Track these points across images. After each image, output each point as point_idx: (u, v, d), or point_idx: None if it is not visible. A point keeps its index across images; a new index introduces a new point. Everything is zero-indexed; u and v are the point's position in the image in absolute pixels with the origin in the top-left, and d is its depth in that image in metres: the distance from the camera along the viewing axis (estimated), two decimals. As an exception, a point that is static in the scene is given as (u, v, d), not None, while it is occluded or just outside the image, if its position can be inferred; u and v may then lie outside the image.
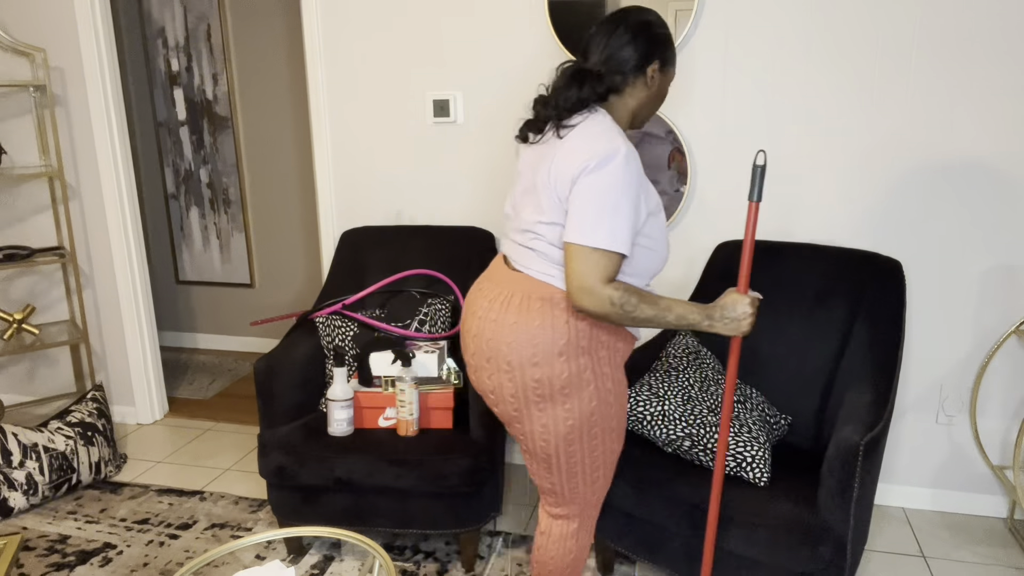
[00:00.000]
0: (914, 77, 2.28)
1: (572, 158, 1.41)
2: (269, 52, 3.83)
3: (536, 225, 1.49)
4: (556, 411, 1.51)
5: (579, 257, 1.39)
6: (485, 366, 1.54)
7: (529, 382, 1.49)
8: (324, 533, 1.52)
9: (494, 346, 1.51)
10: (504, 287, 1.54)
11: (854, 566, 1.79)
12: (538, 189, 1.48)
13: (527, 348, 1.48)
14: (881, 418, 1.78)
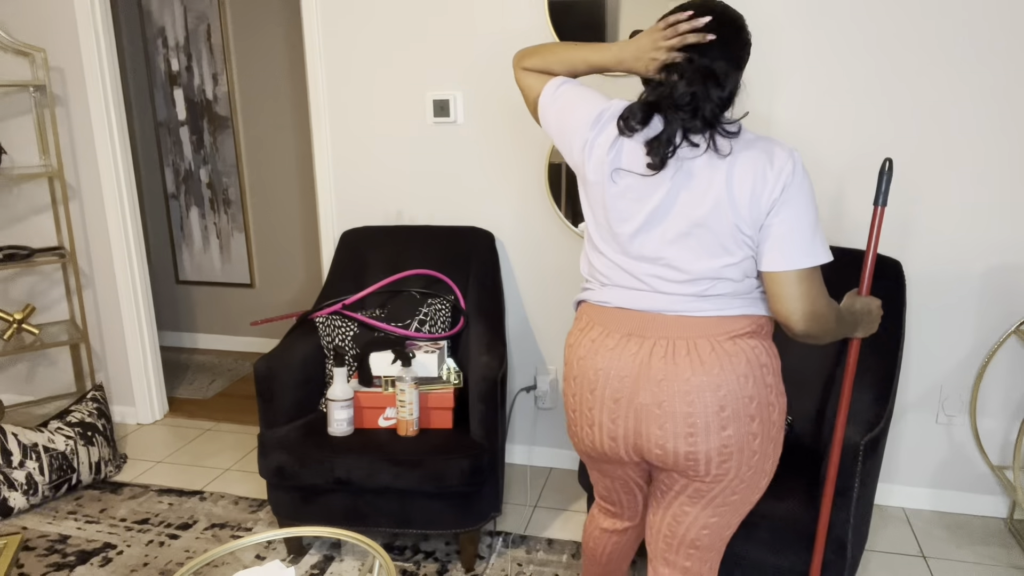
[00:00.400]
0: (915, 75, 2.28)
1: (763, 174, 1.22)
2: (269, 52, 3.83)
3: (722, 270, 1.28)
4: (774, 445, 1.36)
5: (811, 280, 1.24)
6: (696, 432, 1.31)
7: (754, 430, 1.33)
8: (324, 533, 1.52)
9: (692, 414, 1.30)
10: (686, 339, 1.31)
11: (854, 566, 1.79)
12: (711, 227, 1.25)
13: (745, 401, 1.31)
14: (881, 418, 1.78)
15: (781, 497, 1.82)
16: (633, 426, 1.34)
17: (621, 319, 1.35)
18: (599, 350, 1.35)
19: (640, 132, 1.29)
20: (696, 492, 1.38)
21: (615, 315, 1.36)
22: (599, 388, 1.35)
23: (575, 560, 2.29)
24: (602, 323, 1.37)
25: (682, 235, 1.28)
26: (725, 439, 1.30)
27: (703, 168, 1.25)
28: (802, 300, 1.24)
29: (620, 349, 1.33)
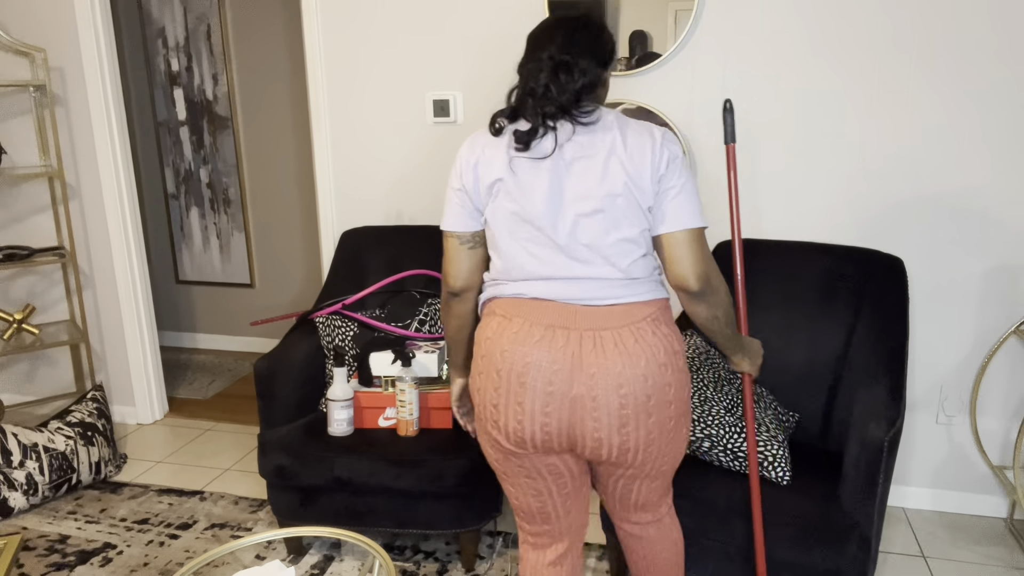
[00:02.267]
0: (915, 75, 2.28)
1: (652, 149, 1.34)
2: (269, 52, 3.83)
3: (630, 246, 1.38)
4: (686, 421, 1.47)
5: (701, 241, 1.37)
6: (628, 422, 1.37)
7: (668, 425, 1.42)
8: (324, 533, 1.52)
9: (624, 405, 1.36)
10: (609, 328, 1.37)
11: (875, 564, 1.80)
12: (615, 202, 1.35)
13: (665, 387, 1.39)
14: (900, 413, 1.79)
15: (802, 498, 1.83)
16: (568, 417, 1.37)
17: (541, 310, 1.37)
18: (525, 341, 1.36)
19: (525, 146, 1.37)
20: (630, 476, 1.49)
21: (534, 306, 1.38)
22: (530, 379, 1.35)
23: (575, 560, 2.29)
24: (522, 315, 1.38)
25: (590, 213, 1.35)
26: (651, 426, 1.38)
27: (590, 149, 1.35)
28: (695, 260, 1.36)
29: (548, 341, 1.35)
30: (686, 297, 1.39)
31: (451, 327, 1.56)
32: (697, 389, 2.06)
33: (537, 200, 1.36)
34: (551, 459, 1.46)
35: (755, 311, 2.30)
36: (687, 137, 2.49)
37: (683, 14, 2.39)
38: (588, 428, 1.37)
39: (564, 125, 1.36)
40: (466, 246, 1.46)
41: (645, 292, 1.40)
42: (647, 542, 1.65)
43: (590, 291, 1.37)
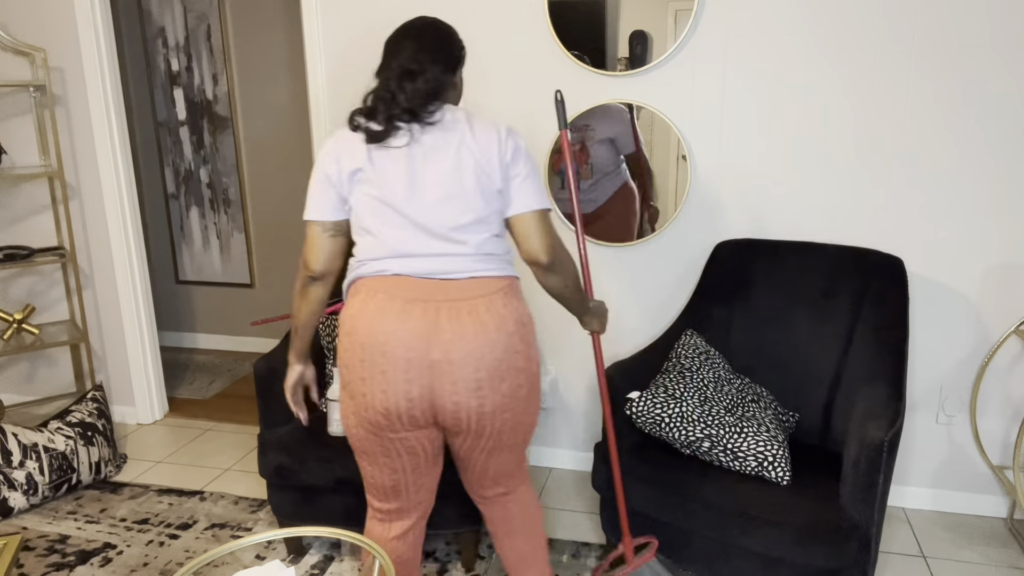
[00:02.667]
0: (915, 76, 2.28)
1: (497, 140, 1.52)
2: (269, 52, 3.83)
3: (481, 225, 1.53)
4: (535, 392, 1.60)
5: (547, 221, 1.56)
6: (483, 385, 1.49)
7: (520, 393, 1.55)
8: (324, 533, 1.52)
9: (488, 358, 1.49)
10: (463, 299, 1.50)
11: (875, 563, 1.80)
12: (467, 186, 1.51)
13: (514, 354, 1.52)
14: (900, 413, 1.79)
15: (802, 498, 1.83)
16: (428, 383, 1.47)
17: (402, 285, 1.49)
18: (387, 313, 1.46)
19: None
20: (489, 450, 1.59)
21: (395, 281, 1.50)
22: (391, 348, 1.45)
23: (575, 560, 2.29)
24: (384, 290, 1.49)
25: (444, 198, 1.50)
26: (504, 391, 1.51)
27: (443, 142, 1.51)
28: (543, 236, 1.54)
29: (407, 313, 1.46)
30: (539, 271, 1.57)
31: (303, 312, 1.64)
32: (697, 389, 2.06)
33: (396, 186, 1.49)
34: (412, 437, 1.55)
35: (755, 311, 2.30)
36: (687, 137, 2.49)
37: (683, 14, 2.39)
38: (447, 392, 1.47)
39: (412, 125, 1.51)
40: (327, 234, 1.56)
41: (497, 268, 1.54)
42: (507, 514, 1.76)
43: (447, 266, 1.50)
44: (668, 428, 1.99)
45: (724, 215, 2.53)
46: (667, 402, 2.01)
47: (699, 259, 2.59)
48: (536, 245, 1.54)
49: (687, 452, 2.02)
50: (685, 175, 2.52)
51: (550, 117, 2.60)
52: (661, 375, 2.14)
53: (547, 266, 1.55)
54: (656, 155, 2.53)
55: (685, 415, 1.98)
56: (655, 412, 2.01)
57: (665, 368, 2.18)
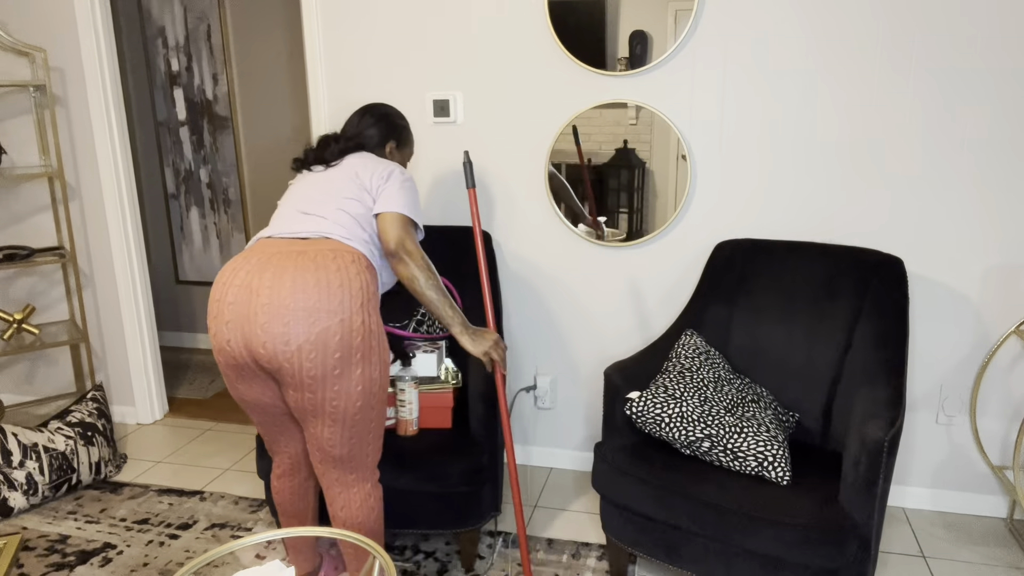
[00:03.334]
0: (914, 75, 2.28)
1: (373, 168, 1.90)
2: (269, 52, 3.83)
3: (343, 202, 1.84)
4: (368, 366, 1.72)
5: (403, 222, 1.83)
6: (282, 330, 1.63)
7: (335, 340, 1.65)
8: (324, 533, 1.52)
9: (290, 310, 1.64)
10: (298, 253, 1.72)
11: (875, 563, 1.80)
12: (339, 186, 1.87)
13: (335, 304, 1.67)
14: (899, 413, 1.79)
15: (802, 498, 1.83)
16: (243, 327, 1.64)
17: (263, 244, 1.76)
18: (228, 268, 1.71)
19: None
20: (311, 412, 1.71)
21: (260, 243, 1.78)
22: (219, 296, 1.68)
23: (575, 560, 2.29)
24: (246, 251, 1.77)
25: (324, 196, 1.86)
26: (313, 340, 1.62)
27: (338, 171, 1.93)
28: (395, 230, 1.81)
29: (242, 263, 1.70)
30: (391, 259, 1.82)
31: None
32: (697, 389, 2.06)
33: (303, 187, 1.91)
34: (252, 390, 1.76)
35: (755, 311, 2.30)
36: (687, 137, 2.49)
37: (683, 14, 2.39)
38: (258, 336, 1.63)
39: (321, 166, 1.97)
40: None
41: (350, 239, 1.78)
42: (338, 505, 1.85)
43: (306, 225, 1.79)
44: (668, 428, 1.99)
45: (724, 215, 2.53)
46: (667, 402, 2.01)
47: (699, 259, 2.59)
48: (387, 235, 1.80)
49: (687, 452, 2.02)
50: (685, 175, 2.52)
51: (550, 117, 2.60)
52: (661, 375, 2.14)
53: (393, 252, 1.79)
54: (656, 155, 2.53)
55: (685, 415, 1.98)
56: (655, 412, 2.01)
57: (665, 368, 2.18)
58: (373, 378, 1.73)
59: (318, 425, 1.73)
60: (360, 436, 1.77)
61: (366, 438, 1.79)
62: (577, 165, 2.61)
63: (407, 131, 2.14)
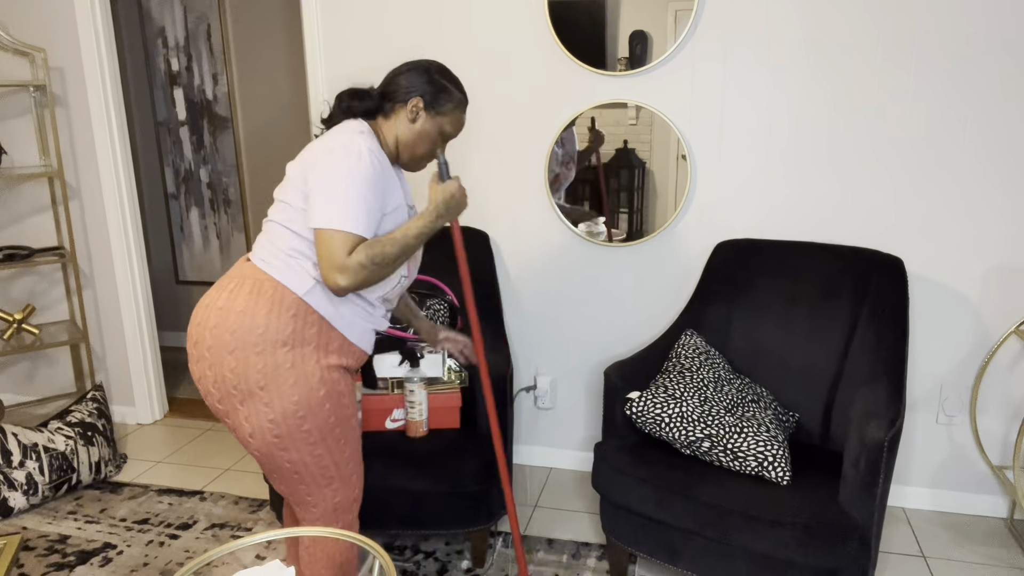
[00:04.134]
0: (915, 75, 2.28)
1: (313, 148, 1.53)
2: (269, 52, 3.83)
3: (279, 205, 1.57)
4: (256, 407, 1.51)
5: (324, 241, 1.45)
6: (205, 355, 1.53)
7: (226, 373, 1.50)
8: (323, 533, 1.52)
9: (215, 334, 1.51)
10: (232, 277, 1.58)
11: (875, 563, 1.80)
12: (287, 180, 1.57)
13: (227, 336, 1.50)
14: (899, 413, 1.79)
15: (802, 498, 1.83)
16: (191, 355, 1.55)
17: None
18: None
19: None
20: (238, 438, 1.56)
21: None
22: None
23: (575, 560, 2.29)
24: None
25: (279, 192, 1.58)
26: (217, 372, 1.50)
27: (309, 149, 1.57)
28: (323, 256, 1.47)
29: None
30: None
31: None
32: (697, 389, 2.06)
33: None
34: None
35: (756, 311, 2.30)
36: (687, 136, 2.49)
37: (683, 14, 2.40)
38: (190, 357, 1.55)
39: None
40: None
41: (270, 264, 1.54)
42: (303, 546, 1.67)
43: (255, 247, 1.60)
44: (668, 428, 1.99)
45: (724, 215, 2.53)
46: (667, 402, 2.01)
47: (699, 259, 2.59)
48: (320, 266, 1.48)
49: (687, 452, 2.02)
50: (685, 175, 2.52)
51: (550, 117, 2.60)
52: (661, 375, 2.14)
53: (336, 291, 1.47)
54: (656, 155, 2.53)
55: (685, 415, 1.98)
56: (655, 412, 2.01)
57: (665, 368, 2.18)
58: (262, 423, 1.51)
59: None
60: (291, 481, 1.59)
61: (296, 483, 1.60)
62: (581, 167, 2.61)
63: (447, 94, 1.62)
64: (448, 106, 1.63)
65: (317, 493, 1.61)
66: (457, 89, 1.64)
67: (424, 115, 1.61)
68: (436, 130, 1.63)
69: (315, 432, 1.54)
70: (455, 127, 1.66)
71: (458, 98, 1.64)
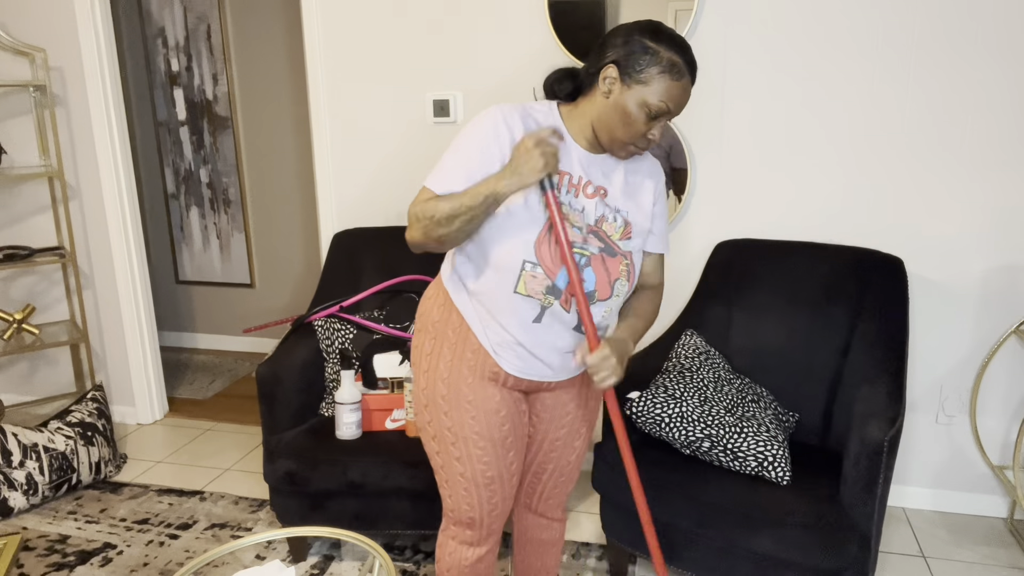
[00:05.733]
0: (914, 76, 2.28)
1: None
2: (269, 52, 3.83)
3: None
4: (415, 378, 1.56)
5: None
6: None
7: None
8: (323, 533, 1.52)
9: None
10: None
11: (875, 563, 1.80)
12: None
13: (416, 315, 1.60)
14: (899, 413, 1.79)
15: (802, 498, 1.83)
16: None
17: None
18: None
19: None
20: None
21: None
22: None
23: (575, 560, 2.29)
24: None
25: None
26: (412, 340, 1.58)
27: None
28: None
29: None
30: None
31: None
32: (697, 389, 2.06)
33: None
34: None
35: (755, 311, 2.30)
36: (687, 137, 2.49)
37: (683, 14, 2.39)
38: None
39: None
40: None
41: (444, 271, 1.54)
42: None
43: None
44: (668, 428, 1.99)
45: (724, 215, 2.53)
46: (667, 402, 2.01)
47: (699, 259, 2.59)
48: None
49: (687, 452, 2.02)
50: (685, 175, 2.52)
51: (550, 117, 2.59)
52: (661, 375, 2.14)
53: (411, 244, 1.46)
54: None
55: (685, 415, 1.98)
56: (655, 412, 2.01)
57: (665, 368, 2.18)
58: (415, 392, 1.57)
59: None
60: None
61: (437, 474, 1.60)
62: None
63: (649, 55, 1.29)
64: (650, 71, 1.29)
65: (440, 486, 1.60)
66: (667, 48, 1.29)
67: (619, 86, 1.32)
68: (635, 103, 1.31)
69: (430, 427, 1.53)
70: (664, 98, 1.30)
71: (666, 60, 1.29)
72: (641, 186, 1.49)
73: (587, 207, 1.42)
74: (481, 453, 1.51)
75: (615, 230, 1.44)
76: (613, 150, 1.40)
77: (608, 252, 1.43)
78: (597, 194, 1.43)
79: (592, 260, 1.41)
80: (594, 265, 1.42)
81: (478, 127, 1.35)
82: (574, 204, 1.41)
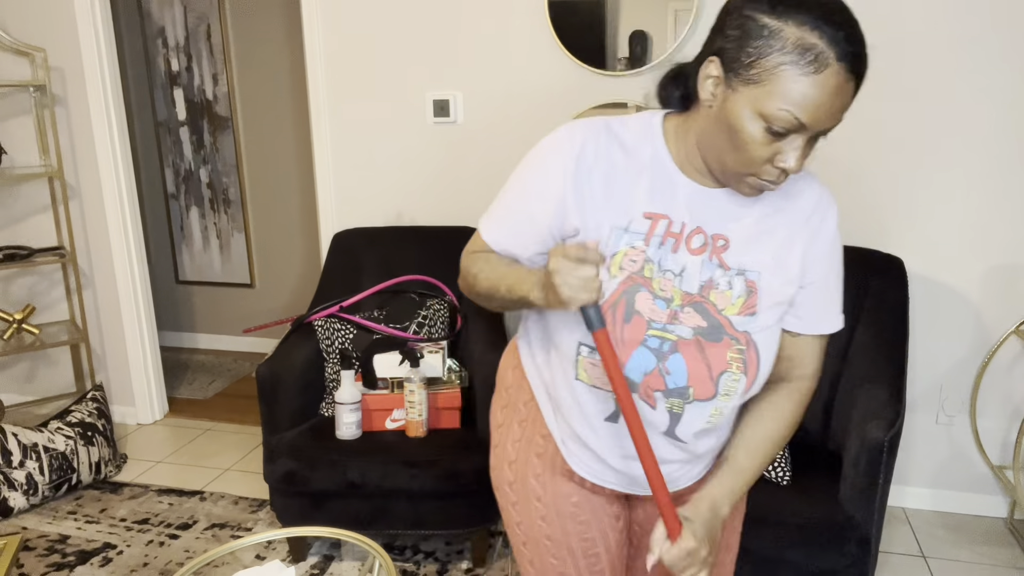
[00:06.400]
0: (914, 74, 2.28)
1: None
2: (269, 52, 3.83)
3: None
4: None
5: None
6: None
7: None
8: (323, 533, 1.52)
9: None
10: None
11: (875, 563, 1.80)
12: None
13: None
14: (899, 414, 1.79)
15: (802, 498, 1.83)
16: None
17: None
18: None
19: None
20: None
21: None
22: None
23: (575, 560, 2.29)
24: None
25: None
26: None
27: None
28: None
29: None
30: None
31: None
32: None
33: None
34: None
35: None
36: (687, 137, 2.49)
37: (683, 14, 2.39)
38: None
39: None
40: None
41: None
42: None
43: None
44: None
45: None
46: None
47: (699, 259, 2.58)
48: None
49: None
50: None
51: (550, 117, 2.60)
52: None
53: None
54: (656, 155, 2.52)
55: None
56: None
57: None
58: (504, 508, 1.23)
59: None
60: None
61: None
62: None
63: (768, 39, 0.85)
64: (765, 61, 0.85)
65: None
66: (796, 22, 0.84)
67: (723, 89, 0.91)
68: (746, 114, 0.90)
69: (502, 511, 1.23)
70: (789, 103, 0.87)
71: (792, 43, 0.84)
72: (787, 234, 1.05)
73: (688, 267, 1.01)
74: (557, 563, 1.16)
75: (729, 301, 1.01)
76: (730, 183, 1.00)
77: (709, 336, 1.00)
78: (708, 248, 1.01)
79: (680, 346, 1.00)
80: (684, 352, 1.00)
81: (540, 160, 1.06)
82: (666, 263, 1.00)
